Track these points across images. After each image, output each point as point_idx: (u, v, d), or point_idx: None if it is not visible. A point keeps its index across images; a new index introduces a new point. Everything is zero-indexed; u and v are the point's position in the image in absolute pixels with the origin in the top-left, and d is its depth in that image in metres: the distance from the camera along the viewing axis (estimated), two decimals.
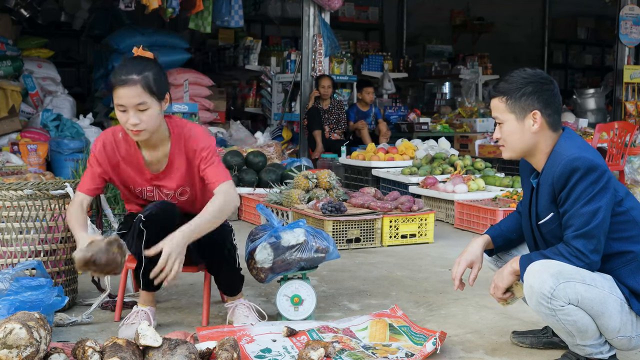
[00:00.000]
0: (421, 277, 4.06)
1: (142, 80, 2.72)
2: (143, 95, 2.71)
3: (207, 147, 2.87)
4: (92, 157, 2.90)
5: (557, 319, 2.39)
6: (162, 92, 2.80)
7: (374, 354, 2.65)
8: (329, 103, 8.62)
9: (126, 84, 2.70)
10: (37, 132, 7.69)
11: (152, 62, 2.83)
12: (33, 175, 5.04)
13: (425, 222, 5.10)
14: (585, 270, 2.39)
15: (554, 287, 2.34)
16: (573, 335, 2.42)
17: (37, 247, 3.16)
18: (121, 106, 2.73)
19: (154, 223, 2.79)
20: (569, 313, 2.36)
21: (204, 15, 8.68)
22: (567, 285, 2.34)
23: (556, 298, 2.35)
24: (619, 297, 2.40)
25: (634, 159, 7.29)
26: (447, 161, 6.74)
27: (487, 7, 13.76)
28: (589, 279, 2.37)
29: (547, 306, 2.37)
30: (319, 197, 5.27)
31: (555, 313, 2.37)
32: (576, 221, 2.38)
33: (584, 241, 2.38)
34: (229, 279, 3.06)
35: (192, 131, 2.90)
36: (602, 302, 2.36)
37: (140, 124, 2.73)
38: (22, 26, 10.53)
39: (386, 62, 11.65)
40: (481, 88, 12.10)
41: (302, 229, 3.05)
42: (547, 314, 2.40)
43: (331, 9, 8.74)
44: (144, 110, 2.73)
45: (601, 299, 2.37)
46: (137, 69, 2.74)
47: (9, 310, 2.54)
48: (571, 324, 2.39)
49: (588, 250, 2.38)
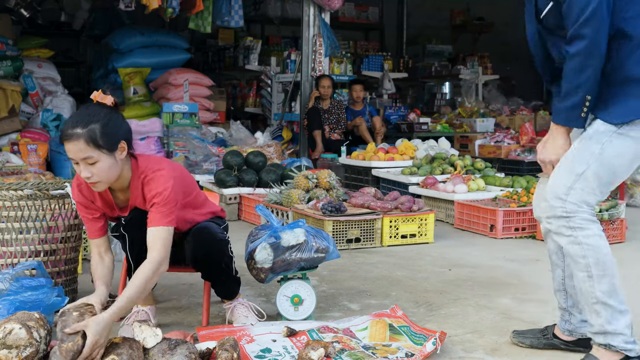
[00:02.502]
0: (421, 277, 4.06)
1: (87, 134, 2.53)
2: (88, 150, 2.54)
3: (160, 193, 2.70)
4: (77, 204, 2.84)
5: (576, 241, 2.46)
6: (112, 143, 2.60)
7: (374, 354, 2.65)
8: (329, 103, 8.62)
9: (70, 139, 2.54)
10: (37, 132, 7.69)
11: (104, 112, 2.61)
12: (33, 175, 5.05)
13: (425, 222, 5.10)
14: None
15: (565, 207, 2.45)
16: (593, 286, 2.44)
17: (37, 247, 3.16)
18: (72, 159, 2.60)
19: (132, 225, 2.82)
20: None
21: (204, 15, 8.68)
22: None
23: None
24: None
25: None
26: (447, 161, 6.74)
27: (487, 7, 13.75)
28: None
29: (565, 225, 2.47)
30: (319, 197, 5.27)
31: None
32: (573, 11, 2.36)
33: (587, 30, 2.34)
34: (225, 286, 3.07)
35: (153, 175, 2.74)
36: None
37: (92, 177, 2.59)
38: (22, 26, 10.53)
39: (386, 62, 11.66)
40: (481, 88, 12.10)
41: (302, 229, 3.05)
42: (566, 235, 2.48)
43: (331, 9, 8.74)
44: (93, 164, 2.57)
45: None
46: (83, 121, 2.55)
47: (9, 310, 2.54)
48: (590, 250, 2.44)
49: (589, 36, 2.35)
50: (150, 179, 2.73)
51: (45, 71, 8.93)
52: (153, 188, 2.71)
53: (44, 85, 8.81)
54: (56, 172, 7.17)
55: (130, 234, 2.84)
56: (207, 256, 2.92)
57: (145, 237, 2.70)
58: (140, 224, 2.79)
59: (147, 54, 9.24)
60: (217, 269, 2.97)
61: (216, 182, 6.34)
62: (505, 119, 10.64)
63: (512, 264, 4.41)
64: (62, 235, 3.22)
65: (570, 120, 2.48)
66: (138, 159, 2.78)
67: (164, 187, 2.70)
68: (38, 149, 7.26)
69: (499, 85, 12.73)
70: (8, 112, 7.90)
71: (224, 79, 11.85)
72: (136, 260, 2.87)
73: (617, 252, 4.81)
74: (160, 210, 2.68)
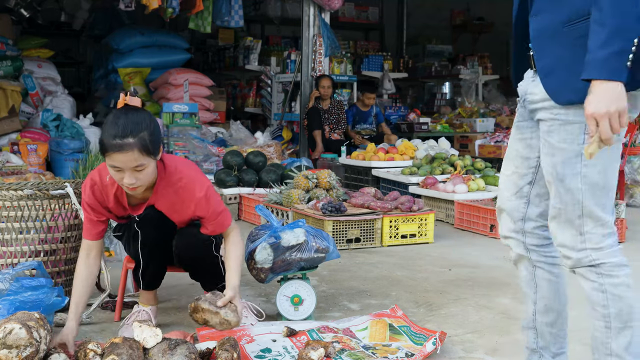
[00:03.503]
0: (421, 277, 4.06)
1: (139, 142, 2.50)
2: (140, 158, 2.52)
3: (203, 195, 2.77)
4: (84, 204, 2.79)
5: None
6: (158, 147, 2.63)
7: (374, 354, 2.65)
8: (329, 103, 8.62)
9: (123, 150, 2.49)
10: (37, 132, 7.68)
11: (146, 116, 2.60)
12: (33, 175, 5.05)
13: (425, 222, 5.10)
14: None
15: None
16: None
17: (37, 247, 3.15)
18: (116, 167, 2.55)
19: (148, 223, 2.82)
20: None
21: (204, 15, 8.68)
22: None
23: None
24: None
25: (634, 159, 7.28)
26: (447, 161, 6.74)
27: (487, 7, 13.76)
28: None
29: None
30: (319, 197, 5.27)
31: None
32: None
33: None
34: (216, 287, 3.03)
35: (184, 181, 2.76)
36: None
37: (136, 182, 2.58)
38: (22, 26, 10.53)
39: (386, 62, 11.66)
40: (481, 88, 12.10)
41: (302, 229, 3.05)
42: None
43: (331, 9, 8.74)
44: (141, 170, 2.57)
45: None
46: (133, 130, 2.50)
47: (9, 310, 2.54)
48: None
49: None
50: (185, 183, 2.77)
51: (45, 71, 8.94)
52: (196, 190, 2.76)
53: (44, 85, 8.81)
54: (56, 172, 7.17)
55: (143, 230, 2.81)
56: (190, 255, 2.93)
57: (159, 235, 2.77)
58: (155, 222, 2.80)
59: (147, 54, 9.24)
60: (202, 267, 2.98)
61: (216, 182, 6.34)
62: (505, 119, 10.64)
63: (512, 264, 4.40)
64: (62, 235, 3.22)
65: (615, 71, 1.81)
66: (163, 158, 2.78)
67: (202, 184, 2.78)
68: (38, 149, 7.25)
69: (499, 85, 12.74)
70: (8, 112, 7.90)
71: (224, 79, 11.86)
72: (147, 259, 2.87)
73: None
74: (215, 220, 2.82)
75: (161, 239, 2.87)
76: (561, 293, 2.28)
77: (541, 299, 2.28)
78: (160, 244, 2.88)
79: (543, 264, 2.27)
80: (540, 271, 2.27)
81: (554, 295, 2.27)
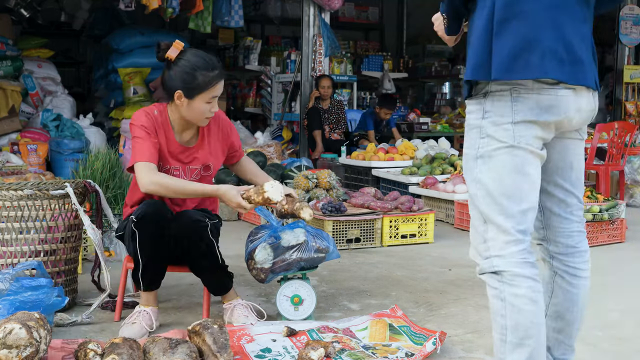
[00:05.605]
0: (421, 277, 4.06)
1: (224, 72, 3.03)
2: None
3: (233, 125, 3.27)
4: (141, 129, 2.95)
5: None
6: None
7: (374, 354, 2.65)
8: (329, 103, 8.61)
9: (221, 78, 2.96)
10: (37, 132, 7.68)
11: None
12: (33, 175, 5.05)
13: (425, 222, 5.10)
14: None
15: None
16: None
17: (37, 247, 3.16)
18: (214, 97, 2.95)
19: (146, 223, 2.83)
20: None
21: (204, 15, 8.68)
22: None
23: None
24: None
25: (634, 159, 7.29)
26: (447, 161, 6.74)
27: None
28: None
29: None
30: (319, 197, 5.27)
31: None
32: None
33: None
34: (215, 277, 3.04)
35: (221, 116, 3.18)
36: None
37: (215, 109, 3.01)
38: (22, 26, 10.52)
39: (386, 62, 11.66)
40: None
41: (302, 229, 3.05)
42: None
43: (331, 9, 8.74)
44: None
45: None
46: (218, 63, 2.99)
47: (9, 310, 2.54)
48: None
49: None
50: (224, 118, 3.20)
51: (45, 71, 8.93)
52: (233, 126, 3.24)
53: (44, 85, 8.80)
54: (56, 172, 7.16)
55: (140, 230, 2.84)
56: (186, 235, 2.91)
57: (159, 233, 2.84)
58: (153, 222, 2.84)
59: (147, 54, 9.23)
60: (198, 250, 2.94)
61: (216, 182, 6.33)
62: None
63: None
64: (62, 235, 3.22)
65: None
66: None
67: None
68: (38, 149, 7.25)
69: None
70: (8, 112, 7.89)
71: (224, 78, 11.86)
72: (146, 259, 2.88)
73: (617, 252, 4.84)
74: (240, 147, 3.27)
75: (159, 238, 2.87)
76: (577, 305, 2.22)
77: (554, 305, 2.23)
78: (158, 243, 2.88)
79: (564, 273, 2.22)
80: (560, 279, 2.23)
81: (568, 306, 2.22)
